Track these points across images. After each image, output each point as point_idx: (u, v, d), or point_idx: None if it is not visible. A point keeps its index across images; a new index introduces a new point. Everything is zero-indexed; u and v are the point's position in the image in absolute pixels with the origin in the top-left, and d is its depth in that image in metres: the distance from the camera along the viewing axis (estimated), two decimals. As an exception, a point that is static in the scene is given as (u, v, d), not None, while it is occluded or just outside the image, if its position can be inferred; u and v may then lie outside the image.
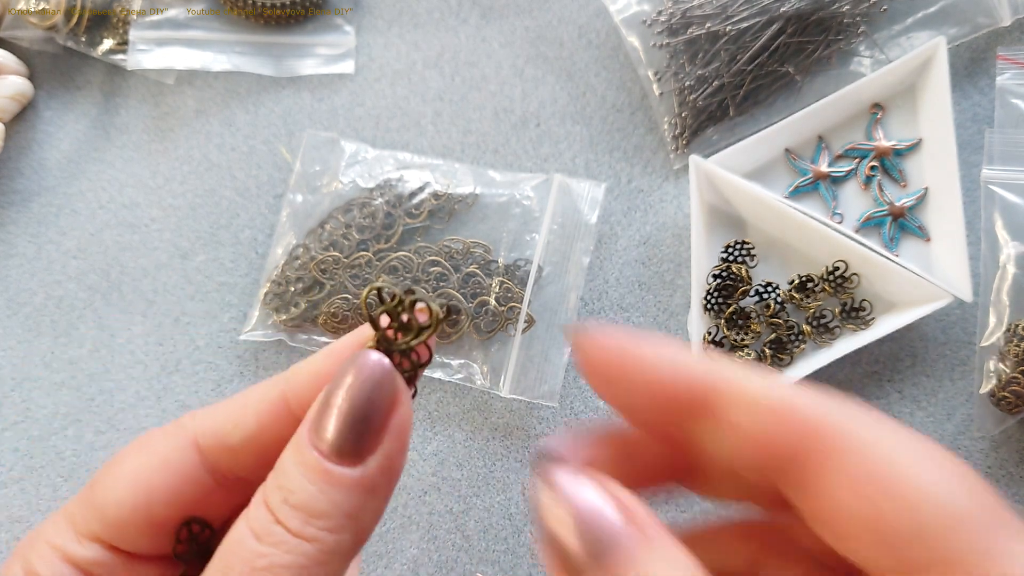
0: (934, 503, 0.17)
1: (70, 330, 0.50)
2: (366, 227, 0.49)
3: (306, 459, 0.21)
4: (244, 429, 0.24)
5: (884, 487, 0.17)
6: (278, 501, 0.20)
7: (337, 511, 0.20)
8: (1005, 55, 0.49)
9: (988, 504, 0.17)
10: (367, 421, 0.21)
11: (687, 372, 0.20)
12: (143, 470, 0.24)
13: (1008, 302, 0.45)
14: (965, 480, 0.18)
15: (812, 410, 0.19)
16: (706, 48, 0.50)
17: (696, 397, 0.20)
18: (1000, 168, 0.47)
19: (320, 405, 0.21)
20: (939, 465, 0.18)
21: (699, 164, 0.47)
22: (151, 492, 0.23)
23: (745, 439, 0.19)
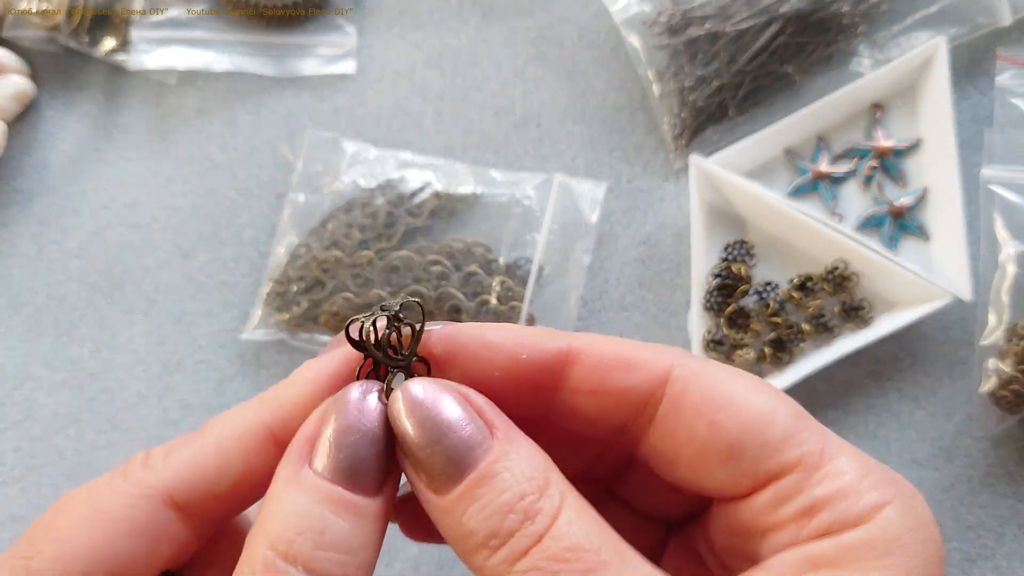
0: (769, 420, 0.21)
1: (71, 329, 0.50)
2: (367, 226, 0.49)
3: (330, 494, 0.19)
4: (232, 475, 0.22)
5: (728, 412, 0.21)
6: (310, 548, 0.19)
7: (369, 544, 0.20)
8: (1005, 55, 0.49)
9: (800, 412, 0.21)
10: (382, 449, 0.21)
11: (549, 338, 0.22)
12: (112, 540, 0.21)
13: (1008, 302, 0.45)
14: (781, 395, 0.22)
15: (658, 356, 0.22)
16: (706, 48, 0.50)
17: (559, 358, 0.22)
18: (1000, 168, 0.47)
19: (323, 437, 0.20)
20: (765, 392, 0.21)
21: (699, 164, 0.47)
22: (126, 563, 0.21)
23: (599, 396, 0.22)
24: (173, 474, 0.21)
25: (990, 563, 0.46)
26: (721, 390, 0.21)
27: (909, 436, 0.47)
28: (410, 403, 0.20)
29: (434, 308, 0.48)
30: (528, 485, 0.19)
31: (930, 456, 0.47)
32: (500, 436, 0.20)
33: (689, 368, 0.22)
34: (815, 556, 0.19)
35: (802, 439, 0.20)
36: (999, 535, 0.46)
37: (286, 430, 0.22)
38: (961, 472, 0.47)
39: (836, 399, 0.48)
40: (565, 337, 0.22)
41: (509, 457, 0.20)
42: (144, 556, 0.21)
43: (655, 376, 0.22)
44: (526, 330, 0.23)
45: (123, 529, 0.21)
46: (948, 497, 0.46)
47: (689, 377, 0.21)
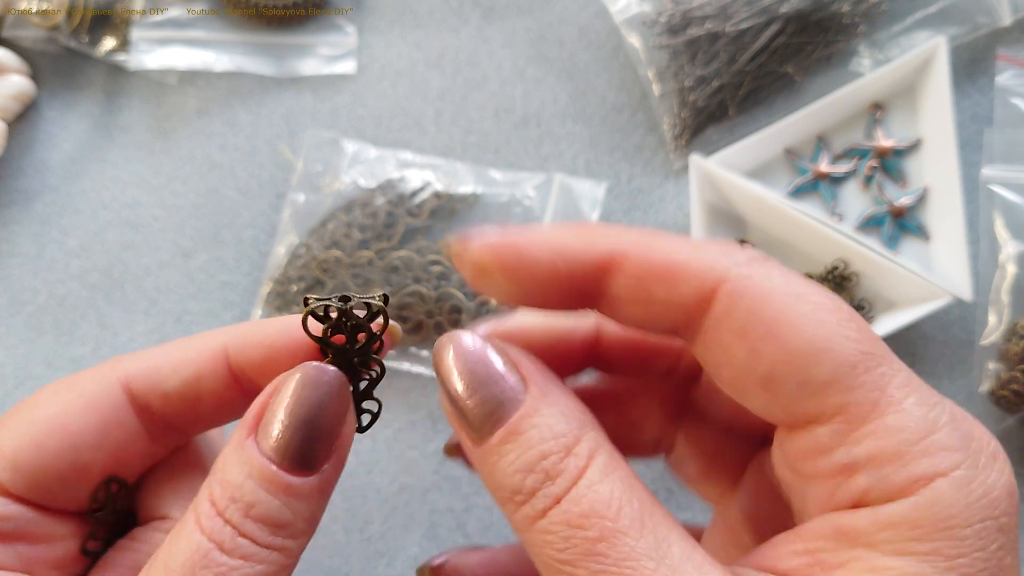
0: (817, 357, 0.18)
1: (72, 329, 0.50)
2: (368, 226, 0.49)
3: (262, 471, 0.20)
4: (182, 376, 0.23)
5: (772, 340, 0.18)
6: (239, 515, 0.20)
7: (300, 519, 0.21)
8: (1005, 55, 0.49)
9: (869, 351, 0.18)
10: (323, 432, 0.21)
11: (587, 244, 0.20)
12: (66, 412, 0.22)
13: (1008, 301, 0.45)
14: (849, 326, 0.18)
15: (710, 265, 0.19)
16: (706, 48, 0.50)
17: (599, 268, 0.20)
18: (1000, 167, 0.47)
19: (270, 414, 0.21)
20: (830, 321, 0.18)
21: (699, 164, 0.47)
22: (76, 434, 0.22)
23: (642, 306, 0.20)
24: (132, 365, 0.23)
25: (990, 563, 0.46)
26: (772, 313, 0.18)
27: (909, 436, 0.47)
28: (459, 352, 0.20)
29: (434, 308, 0.48)
30: (554, 443, 0.19)
31: (930, 456, 0.47)
32: (534, 391, 0.20)
33: (744, 283, 0.19)
34: (848, 529, 0.17)
35: (855, 383, 0.17)
36: (999, 535, 0.46)
37: (240, 354, 0.23)
38: (961, 472, 0.47)
39: (836, 399, 0.48)
40: (610, 237, 0.20)
41: (540, 413, 0.19)
42: (95, 434, 0.22)
43: (702, 290, 0.19)
44: (568, 233, 0.21)
45: (79, 405, 0.22)
46: (948, 497, 0.46)
47: (740, 293, 0.19)
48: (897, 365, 0.18)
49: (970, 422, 0.18)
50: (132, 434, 0.23)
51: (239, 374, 0.23)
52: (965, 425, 0.18)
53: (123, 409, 0.23)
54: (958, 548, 0.16)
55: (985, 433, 0.18)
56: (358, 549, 0.46)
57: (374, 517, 0.47)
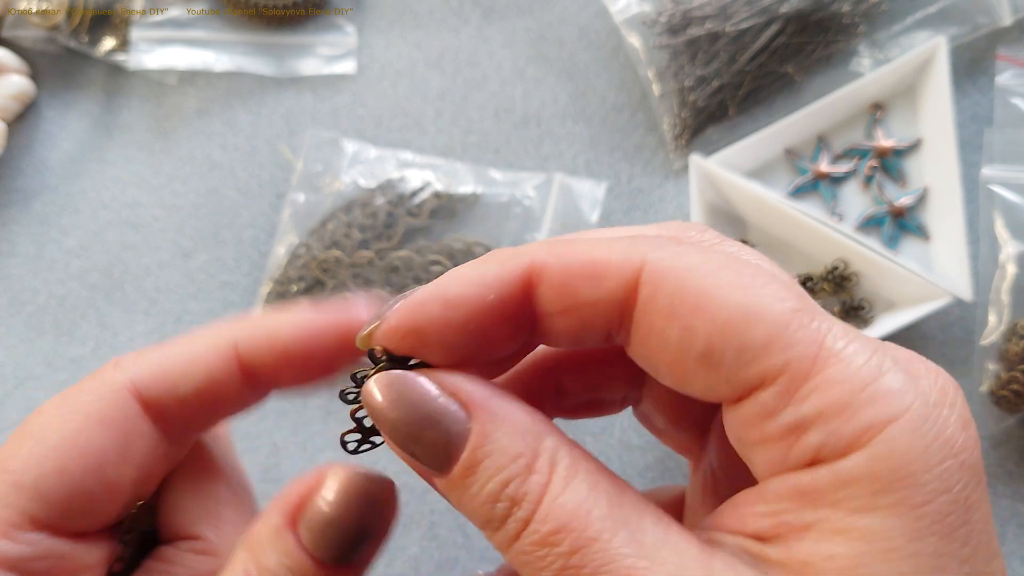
0: (751, 320, 0.17)
1: (72, 329, 0.50)
2: (368, 226, 0.49)
3: (303, 568, 0.20)
4: (196, 377, 0.22)
5: (702, 314, 0.18)
6: None
7: None
8: (1005, 55, 0.49)
9: (799, 307, 0.18)
10: (370, 539, 0.21)
11: (506, 265, 0.19)
12: (81, 430, 0.21)
13: (1008, 301, 0.45)
14: (774, 287, 0.18)
15: (628, 254, 0.19)
16: (706, 48, 0.50)
17: (523, 284, 0.19)
18: (1000, 167, 0.47)
19: (315, 511, 0.21)
20: (755, 285, 0.18)
21: (699, 164, 0.47)
22: (98, 451, 0.21)
23: (571, 312, 0.19)
24: (139, 369, 0.22)
25: (990, 563, 0.46)
26: (696, 288, 0.18)
27: (909, 436, 0.47)
28: (390, 399, 0.19)
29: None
30: (514, 466, 0.18)
31: (930, 456, 0.47)
32: (480, 415, 0.19)
33: (663, 264, 0.18)
34: (808, 489, 0.17)
35: (792, 340, 0.17)
36: (999, 535, 0.46)
37: (251, 350, 0.23)
38: (961, 472, 0.47)
39: (836, 399, 0.48)
40: (525, 254, 0.19)
41: (491, 438, 0.19)
42: (117, 450, 0.21)
43: (624, 282, 0.19)
44: (485, 263, 0.20)
45: (94, 422, 0.21)
46: (948, 497, 0.46)
47: (662, 274, 0.18)
48: (830, 317, 0.18)
49: (916, 361, 0.18)
50: (152, 442, 0.23)
51: (249, 369, 0.23)
52: (911, 365, 0.18)
53: (138, 418, 0.22)
54: (922, 495, 0.16)
55: (932, 369, 0.18)
56: (358, 549, 0.46)
57: (374, 517, 0.47)
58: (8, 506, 0.20)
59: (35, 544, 0.21)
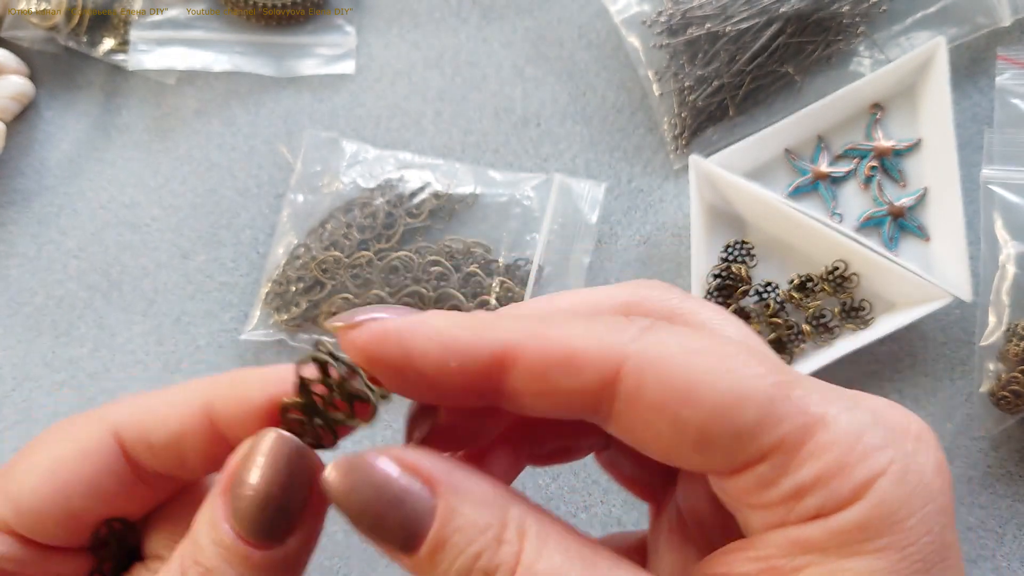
0: (739, 405, 0.18)
1: (71, 329, 0.50)
2: (367, 227, 0.49)
3: (223, 539, 0.20)
4: (166, 431, 0.23)
5: (690, 404, 0.18)
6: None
7: None
8: (1005, 55, 0.49)
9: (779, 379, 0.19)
10: (285, 506, 0.21)
11: (477, 340, 0.19)
12: (61, 460, 0.23)
13: (1008, 302, 0.45)
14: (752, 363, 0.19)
15: (607, 346, 0.19)
16: (706, 48, 0.50)
17: (493, 365, 0.19)
18: (1000, 168, 0.47)
19: (237, 481, 0.21)
20: (736, 368, 0.18)
21: (699, 164, 0.47)
22: (69, 483, 0.23)
23: (544, 398, 0.20)
24: (122, 415, 0.23)
25: (990, 563, 0.46)
26: (681, 380, 0.18)
27: (909, 436, 0.47)
28: (350, 486, 0.19)
29: (433, 309, 0.48)
30: (483, 540, 0.18)
31: (930, 456, 0.47)
32: (444, 491, 0.19)
33: (644, 357, 0.19)
34: (804, 540, 0.18)
35: (781, 417, 0.18)
36: (999, 535, 0.46)
37: (223, 411, 0.23)
38: (961, 472, 0.47)
39: (836, 399, 0.48)
40: (502, 331, 0.19)
41: (457, 514, 0.19)
42: (87, 483, 0.23)
43: (603, 375, 0.19)
44: (458, 328, 0.20)
45: (75, 453, 0.23)
46: (948, 497, 0.46)
47: (644, 369, 0.18)
48: (806, 381, 0.19)
49: (888, 409, 0.19)
50: (124, 481, 0.23)
51: (224, 430, 0.23)
52: (886, 415, 0.19)
53: (114, 458, 0.23)
54: (908, 538, 0.17)
55: (905, 416, 0.19)
56: (358, 550, 0.46)
57: (373, 518, 0.47)
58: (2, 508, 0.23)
59: (8, 546, 0.23)
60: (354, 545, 0.46)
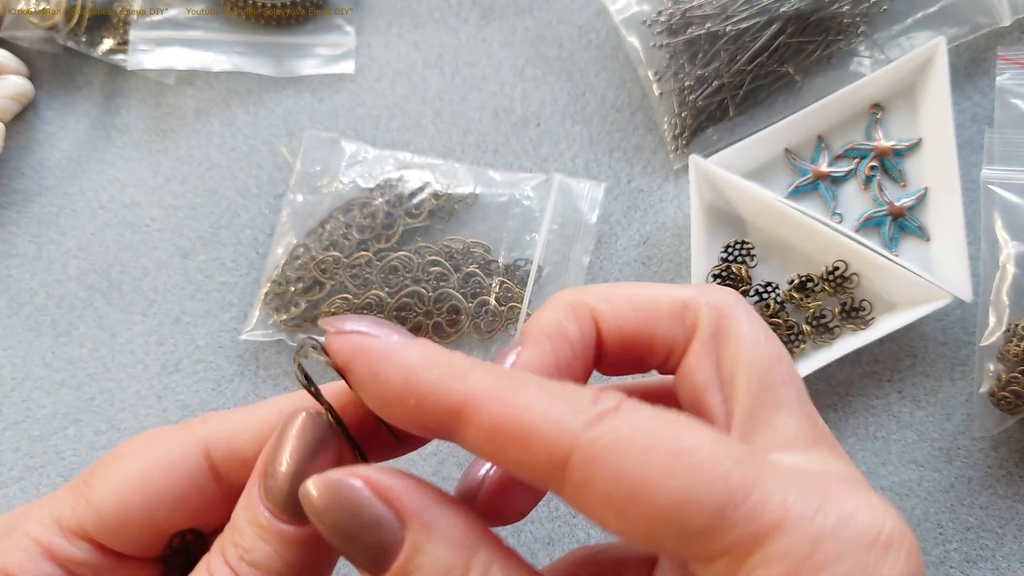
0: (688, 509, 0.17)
1: (70, 329, 0.50)
2: (366, 227, 0.49)
3: (258, 519, 0.21)
4: (261, 443, 0.23)
5: (638, 505, 0.18)
6: (235, 558, 0.21)
7: (290, 568, 0.21)
8: (1005, 55, 0.49)
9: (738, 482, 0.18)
10: None
11: (438, 387, 0.19)
12: (150, 472, 0.23)
13: (1008, 302, 0.45)
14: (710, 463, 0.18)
15: (559, 429, 0.18)
16: (706, 48, 0.50)
17: (449, 414, 0.19)
18: (1000, 168, 0.47)
19: (265, 464, 0.22)
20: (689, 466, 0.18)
21: (699, 164, 0.47)
22: (157, 496, 0.23)
23: (497, 459, 0.20)
24: (213, 429, 0.24)
25: (990, 564, 0.46)
26: (629, 478, 0.17)
27: (909, 436, 0.47)
28: (313, 511, 0.20)
29: (432, 309, 0.48)
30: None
31: (930, 457, 0.47)
32: (414, 525, 0.19)
33: (594, 448, 0.18)
34: None
35: (731, 524, 0.17)
36: (999, 536, 0.46)
37: None
38: (961, 473, 0.47)
39: (836, 399, 0.48)
40: (465, 386, 0.19)
41: (423, 550, 0.19)
42: (174, 497, 0.23)
43: (554, 457, 0.18)
44: (425, 370, 0.20)
45: (164, 466, 0.23)
46: (948, 498, 0.46)
47: (593, 462, 0.18)
48: (773, 476, 0.18)
49: (862, 513, 0.18)
50: (209, 497, 0.24)
51: None
52: (856, 519, 0.18)
53: (202, 474, 0.24)
54: None
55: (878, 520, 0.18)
56: (357, 550, 0.46)
57: (373, 518, 0.46)
58: (74, 513, 0.23)
59: (84, 552, 0.23)
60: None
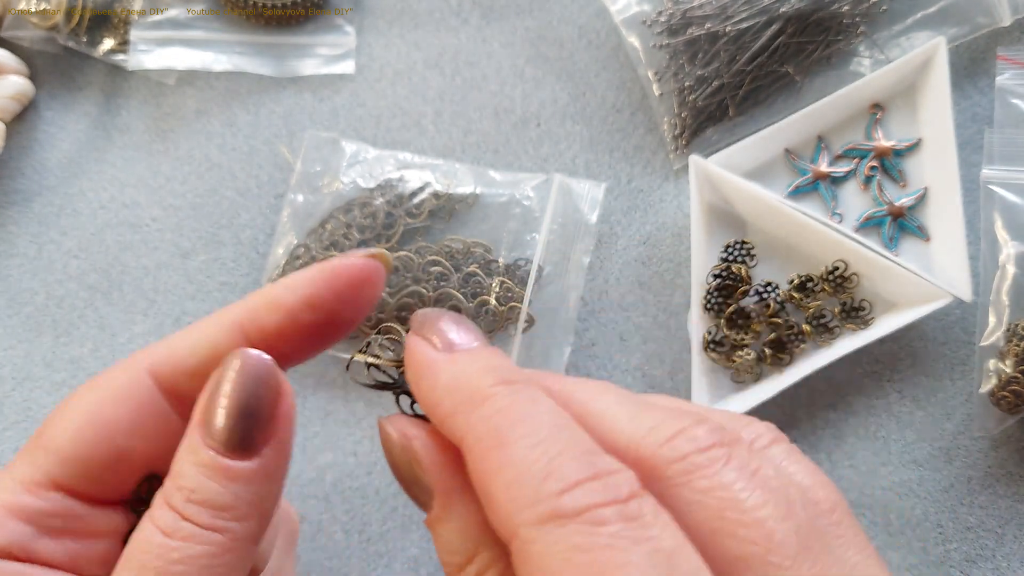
0: None
1: (71, 329, 0.50)
2: (367, 227, 0.49)
3: (202, 459, 0.22)
4: (200, 353, 0.24)
5: None
6: (181, 500, 0.21)
7: (240, 502, 0.22)
8: (1005, 55, 0.49)
9: None
10: (256, 415, 0.22)
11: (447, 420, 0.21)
12: (100, 403, 0.23)
13: (1008, 302, 0.45)
14: None
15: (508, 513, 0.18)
16: (706, 48, 0.50)
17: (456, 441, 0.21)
18: (1000, 168, 0.47)
19: (207, 403, 0.22)
20: None
21: (699, 164, 0.47)
22: (111, 423, 0.23)
23: None
24: (153, 352, 0.24)
25: (990, 564, 0.46)
26: None
27: (909, 436, 0.47)
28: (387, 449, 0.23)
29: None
30: (448, 557, 0.21)
31: (930, 456, 0.47)
32: (438, 503, 0.21)
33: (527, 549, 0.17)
34: None
35: None
36: (999, 535, 0.46)
37: (253, 323, 0.24)
38: (961, 472, 0.47)
39: (836, 399, 0.48)
40: (467, 421, 0.20)
41: (440, 524, 0.21)
42: (129, 422, 0.24)
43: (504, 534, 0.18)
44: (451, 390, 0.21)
45: (112, 397, 0.23)
46: (948, 497, 0.46)
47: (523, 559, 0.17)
48: None
49: None
50: (164, 418, 0.24)
51: (256, 342, 0.24)
52: None
53: (152, 394, 0.24)
54: None
55: None
56: (357, 550, 0.46)
57: (373, 519, 0.47)
58: (34, 466, 0.23)
59: (53, 502, 0.23)
60: (354, 545, 0.46)
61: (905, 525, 0.46)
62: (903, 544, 0.46)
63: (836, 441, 0.47)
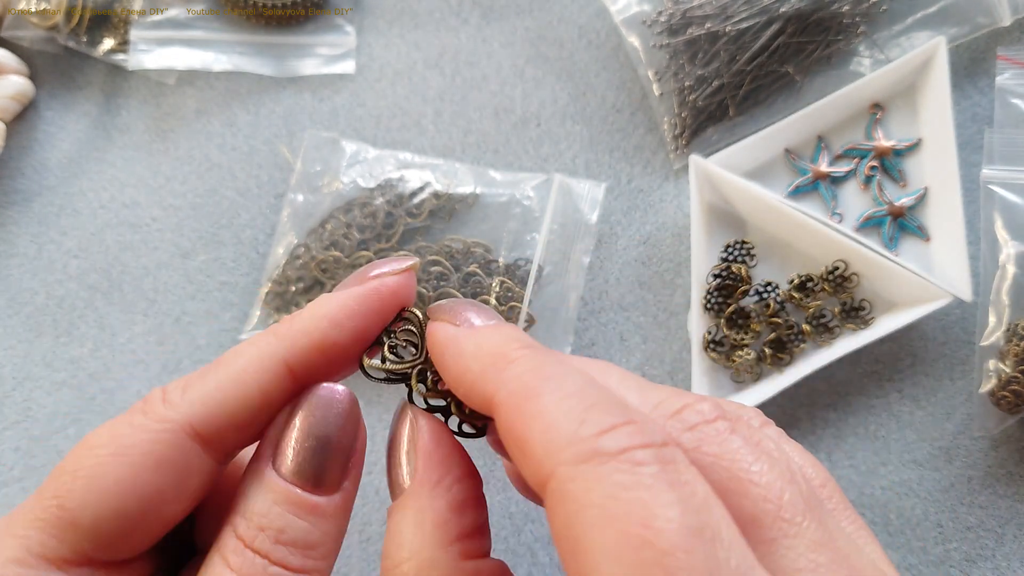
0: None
1: (71, 329, 0.50)
2: (367, 227, 0.49)
3: (289, 496, 0.21)
4: (252, 405, 0.22)
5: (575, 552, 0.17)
6: (269, 543, 0.20)
7: (328, 538, 0.21)
8: (1005, 55, 0.49)
9: None
10: (339, 450, 0.22)
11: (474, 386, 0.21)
12: (141, 475, 0.21)
13: (1008, 302, 0.45)
14: None
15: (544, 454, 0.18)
16: (706, 48, 0.50)
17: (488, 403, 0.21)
18: (1000, 168, 0.47)
19: (285, 439, 0.22)
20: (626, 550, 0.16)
21: (699, 164, 0.47)
22: (152, 495, 0.21)
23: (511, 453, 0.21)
24: (193, 407, 0.22)
25: (990, 563, 0.46)
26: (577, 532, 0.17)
27: (909, 436, 0.47)
28: (392, 427, 0.24)
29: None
30: (395, 552, 0.21)
31: (930, 456, 0.47)
32: (413, 487, 0.22)
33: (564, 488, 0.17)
34: None
35: None
36: (999, 535, 0.46)
37: (301, 363, 0.23)
38: (961, 472, 0.47)
39: (836, 399, 0.48)
40: (497, 379, 0.20)
41: (400, 512, 0.22)
42: (173, 490, 0.22)
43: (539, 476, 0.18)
44: (478, 355, 0.21)
45: (150, 464, 0.21)
46: (948, 497, 0.46)
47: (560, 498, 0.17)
48: None
49: None
50: (208, 472, 0.22)
51: (300, 377, 0.23)
52: None
53: (195, 455, 0.22)
54: None
55: None
56: (357, 550, 0.46)
57: (373, 518, 0.47)
58: (64, 543, 0.21)
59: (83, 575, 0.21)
60: (354, 545, 0.46)
61: (905, 525, 0.46)
62: (903, 544, 0.46)
63: (836, 441, 0.47)
